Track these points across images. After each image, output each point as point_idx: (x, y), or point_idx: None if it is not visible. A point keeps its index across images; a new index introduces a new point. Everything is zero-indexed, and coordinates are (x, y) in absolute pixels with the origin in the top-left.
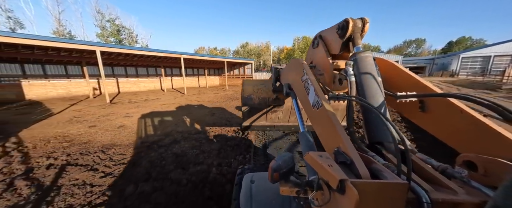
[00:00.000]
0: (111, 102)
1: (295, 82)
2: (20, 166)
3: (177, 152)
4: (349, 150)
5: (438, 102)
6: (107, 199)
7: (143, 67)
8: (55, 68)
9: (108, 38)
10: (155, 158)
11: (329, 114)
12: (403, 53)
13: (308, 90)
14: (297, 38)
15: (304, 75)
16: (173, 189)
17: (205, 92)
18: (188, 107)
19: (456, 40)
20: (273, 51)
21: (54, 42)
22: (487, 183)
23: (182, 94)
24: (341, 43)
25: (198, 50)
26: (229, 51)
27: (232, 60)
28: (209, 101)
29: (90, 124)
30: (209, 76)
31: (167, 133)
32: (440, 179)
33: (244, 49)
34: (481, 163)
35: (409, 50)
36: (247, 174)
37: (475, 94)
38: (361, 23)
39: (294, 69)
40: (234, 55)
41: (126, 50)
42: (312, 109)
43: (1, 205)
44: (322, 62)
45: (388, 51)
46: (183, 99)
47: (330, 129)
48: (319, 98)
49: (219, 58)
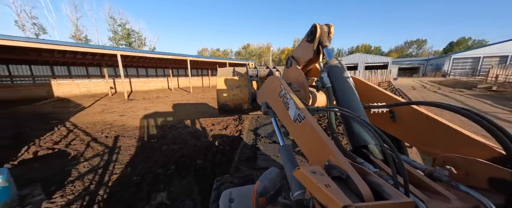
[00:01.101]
0: (128, 99)
1: (273, 100)
2: (86, 137)
3: (191, 130)
4: (343, 163)
5: (406, 111)
6: (153, 152)
7: (152, 68)
8: (78, 69)
9: (120, 41)
10: (177, 133)
11: (314, 125)
12: (404, 53)
13: (288, 105)
14: (297, 39)
15: (282, 90)
16: (192, 148)
17: (209, 91)
18: (195, 102)
19: (457, 41)
20: (274, 51)
21: (84, 48)
22: (470, 184)
23: (188, 92)
24: (312, 48)
25: (201, 51)
26: (231, 52)
27: (233, 61)
28: (212, 98)
29: (119, 114)
30: (212, 76)
31: (181, 120)
32: (429, 184)
33: (245, 50)
34: (462, 163)
35: (410, 50)
36: (225, 191)
37: (453, 91)
38: (327, 27)
39: (271, 86)
40: (236, 56)
41: (142, 54)
42: (294, 123)
43: (88, 154)
44: (297, 79)
45: (389, 51)
46: (189, 97)
47: (317, 141)
48: (300, 111)
49: (221, 59)
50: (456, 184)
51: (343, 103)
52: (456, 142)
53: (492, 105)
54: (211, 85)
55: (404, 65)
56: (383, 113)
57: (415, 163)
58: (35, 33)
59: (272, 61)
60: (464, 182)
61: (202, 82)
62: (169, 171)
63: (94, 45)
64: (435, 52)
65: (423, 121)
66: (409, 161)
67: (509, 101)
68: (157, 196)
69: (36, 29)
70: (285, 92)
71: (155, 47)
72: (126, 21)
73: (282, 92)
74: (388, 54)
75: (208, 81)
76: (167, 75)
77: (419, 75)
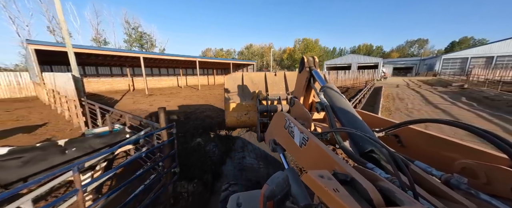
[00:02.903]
0: (148, 94)
1: (279, 133)
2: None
3: (206, 114)
4: (347, 169)
5: (408, 134)
6: (184, 125)
7: (164, 68)
8: (103, 69)
9: (133, 43)
10: (196, 116)
11: (317, 142)
12: (405, 53)
13: (293, 133)
14: (298, 40)
15: (286, 122)
16: (208, 124)
17: (215, 88)
18: (204, 96)
19: (459, 40)
20: (276, 51)
21: (117, 52)
22: (491, 192)
23: (196, 89)
24: (305, 75)
25: (205, 51)
26: (235, 52)
27: (236, 62)
28: (219, 94)
29: (148, 104)
30: (217, 76)
31: (196, 108)
32: (447, 192)
33: (248, 50)
34: (482, 170)
35: (411, 50)
36: (233, 196)
37: (428, 89)
38: (312, 58)
39: (277, 121)
40: (239, 56)
41: (159, 56)
42: (300, 149)
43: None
44: (301, 113)
45: (390, 50)
46: (199, 93)
47: (321, 155)
48: (304, 133)
49: (225, 60)
50: (476, 192)
51: (342, 117)
52: (470, 156)
53: (441, 97)
54: (216, 83)
55: (399, 65)
56: (390, 138)
57: (430, 169)
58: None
59: (274, 60)
60: (484, 190)
61: (208, 81)
62: (199, 130)
63: (123, 50)
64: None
65: (428, 140)
66: (424, 167)
67: (461, 96)
68: (196, 139)
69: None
70: (289, 122)
71: (164, 48)
72: (138, 25)
73: (287, 123)
74: (390, 53)
75: (213, 79)
76: (177, 74)
77: (413, 74)
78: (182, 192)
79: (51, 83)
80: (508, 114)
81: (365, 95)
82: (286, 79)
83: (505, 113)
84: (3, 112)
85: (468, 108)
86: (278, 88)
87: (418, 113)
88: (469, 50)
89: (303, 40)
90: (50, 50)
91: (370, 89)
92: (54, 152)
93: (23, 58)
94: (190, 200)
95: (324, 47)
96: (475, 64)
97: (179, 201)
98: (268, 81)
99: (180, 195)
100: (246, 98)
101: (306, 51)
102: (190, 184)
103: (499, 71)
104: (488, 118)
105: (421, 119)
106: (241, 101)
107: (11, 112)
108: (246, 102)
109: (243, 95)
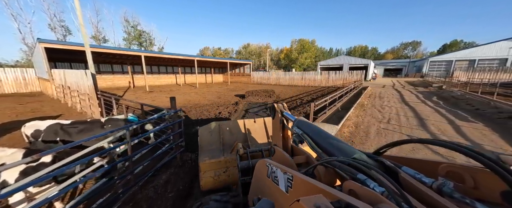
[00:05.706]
0: (148, 91)
1: (264, 185)
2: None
3: (207, 108)
4: (338, 195)
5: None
6: (190, 116)
7: (163, 66)
8: (105, 66)
9: (132, 41)
10: (199, 110)
11: (303, 177)
12: (399, 55)
13: (277, 179)
14: (294, 40)
15: (268, 168)
16: (214, 115)
17: (212, 86)
18: (203, 94)
19: (450, 43)
20: (273, 51)
21: (119, 50)
22: (479, 197)
23: (195, 87)
24: (278, 120)
25: (203, 50)
26: (232, 51)
27: (234, 61)
28: (216, 91)
29: (151, 99)
30: (215, 74)
31: (196, 103)
32: (440, 202)
33: (245, 49)
34: (468, 174)
35: (405, 51)
36: None
37: (410, 89)
38: (282, 105)
39: (260, 171)
40: (236, 55)
41: (159, 55)
42: (287, 194)
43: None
44: (283, 159)
45: (385, 52)
46: (197, 90)
47: (310, 190)
48: (288, 173)
49: (223, 59)
50: (471, 201)
51: (319, 140)
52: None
53: (417, 96)
54: (214, 82)
55: (389, 66)
56: None
57: (419, 176)
58: (62, 34)
59: (271, 60)
60: (472, 195)
61: (206, 79)
62: (199, 119)
63: (125, 48)
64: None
65: (414, 163)
66: (412, 173)
67: (433, 95)
68: (195, 127)
69: (63, 31)
70: (271, 167)
71: (163, 46)
72: (137, 23)
73: (269, 169)
74: (384, 55)
75: (211, 78)
76: (176, 72)
77: (402, 75)
78: (187, 160)
79: (61, 79)
80: (462, 110)
81: (348, 94)
82: (265, 125)
83: (460, 110)
84: (18, 105)
85: (432, 105)
86: (259, 137)
87: (389, 110)
88: (454, 53)
89: (299, 40)
90: (57, 48)
91: (353, 88)
92: (97, 125)
93: (24, 54)
94: (193, 165)
95: (321, 47)
96: (458, 66)
97: (185, 164)
98: (248, 130)
99: (186, 162)
100: (224, 152)
101: (303, 51)
102: (193, 154)
103: (478, 73)
104: (442, 113)
105: (404, 140)
106: (218, 157)
107: (24, 105)
108: (225, 157)
109: (221, 150)
